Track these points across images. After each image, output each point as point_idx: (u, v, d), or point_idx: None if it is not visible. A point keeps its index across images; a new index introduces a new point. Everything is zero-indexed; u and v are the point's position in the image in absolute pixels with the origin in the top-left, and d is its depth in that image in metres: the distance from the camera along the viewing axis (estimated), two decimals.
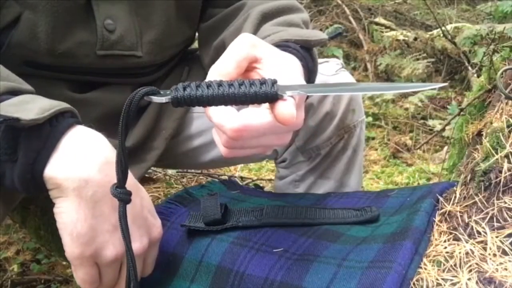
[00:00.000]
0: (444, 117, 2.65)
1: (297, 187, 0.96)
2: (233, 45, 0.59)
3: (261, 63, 0.59)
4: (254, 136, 0.54)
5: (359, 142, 0.94)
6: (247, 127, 0.52)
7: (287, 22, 0.76)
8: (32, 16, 0.70)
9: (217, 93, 0.49)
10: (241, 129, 0.52)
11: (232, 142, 0.56)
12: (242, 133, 0.53)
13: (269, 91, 0.50)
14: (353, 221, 0.66)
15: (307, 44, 0.69)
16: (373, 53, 3.28)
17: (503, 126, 0.62)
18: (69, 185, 0.52)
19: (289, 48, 0.66)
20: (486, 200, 0.60)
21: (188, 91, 0.50)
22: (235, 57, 0.57)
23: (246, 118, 0.52)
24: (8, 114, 0.51)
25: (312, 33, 0.72)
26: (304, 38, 0.69)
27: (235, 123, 0.52)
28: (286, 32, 0.70)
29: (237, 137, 0.53)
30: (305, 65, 0.67)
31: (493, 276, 0.51)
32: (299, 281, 0.56)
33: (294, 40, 0.68)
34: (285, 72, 0.58)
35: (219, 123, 0.53)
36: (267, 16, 0.78)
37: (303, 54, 0.68)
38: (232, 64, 0.57)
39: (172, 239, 0.67)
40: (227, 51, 0.58)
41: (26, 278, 1.46)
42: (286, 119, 0.51)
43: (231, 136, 0.53)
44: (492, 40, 1.55)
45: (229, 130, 0.52)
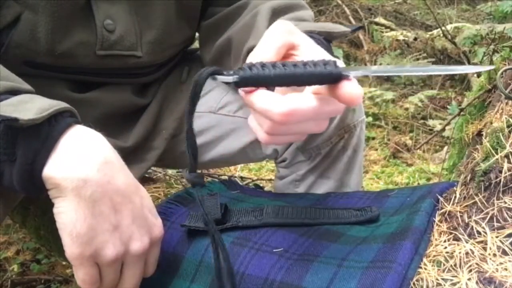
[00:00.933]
0: (444, 117, 2.65)
1: (297, 187, 0.96)
2: (271, 32, 0.58)
3: (298, 50, 0.58)
4: (299, 121, 0.54)
5: (359, 142, 0.94)
6: (296, 111, 0.52)
7: (299, 18, 0.76)
8: (32, 16, 0.70)
9: (283, 72, 0.49)
10: (290, 113, 0.51)
11: (277, 128, 0.55)
12: (289, 118, 0.52)
13: (334, 71, 0.49)
14: (353, 221, 0.66)
15: (329, 36, 0.70)
16: (373, 53, 3.29)
17: (503, 126, 0.62)
18: (67, 185, 0.52)
19: (314, 39, 0.66)
20: (486, 200, 0.60)
21: (254, 71, 0.49)
22: (274, 44, 0.57)
23: (294, 102, 0.52)
24: (7, 114, 0.51)
25: (333, 26, 0.72)
26: (327, 30, 0.69)
27: (284, 107, 0.51)
28: (309, 24, 0.71)
29: (284, 121, 0.52)
30: None
31: (493, 276, 0.51)
32: (299, 281, 0.56)
33: (317, 31, 0.68)
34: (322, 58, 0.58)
35: (266, 108, 0.52)
36: (277, 12, 0.78)
37: (326, 45, 0.68)
38: (272, 50, 0.56)
39: (172, 239, 0.67)
40: (265, 39, 0.58)
41: (26, 278, 1.46)
42: (353, 98, 0.50)
43: (278, 121, 0.52)
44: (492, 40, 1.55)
45: (277, 114, 0.51)
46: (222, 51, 0.87)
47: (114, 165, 0.56)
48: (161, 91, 0.91)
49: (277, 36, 0.57)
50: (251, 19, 0.80)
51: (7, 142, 0.52)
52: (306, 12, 0.80)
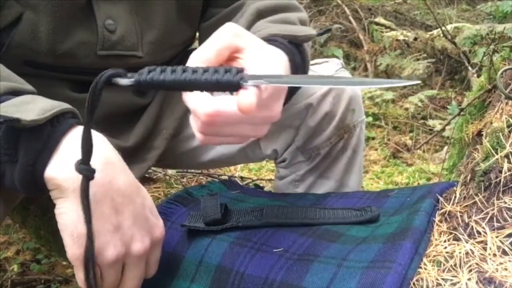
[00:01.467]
0: (444, 117, 2.65)
1: (297, 187, 0.96)
2: (216, 33, 0.59)
3: (243, 53, 0.59)
4: (228, 123, 0.55)
5: (359, 142, 0.94)
6: (220, 112, 0.53)
7: (282, 20, 0.76)
8: (33, 16, 0.70)
9: (178, 78, 0.49)
10: (214, 114, 0.53)
11: (206, 128, 0.56)
12: (214, 118, 0.53)
13: (231, 80, 0.50)
14: (353, 221, 0.66)
15: (295, 39, 0.70)
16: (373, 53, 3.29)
17: (503, 126, 0.62)
18: (69, 185, 0.52)
19: (276, 43, 0.66)
20: (486, 200, 0.60)
21: (151, 75, 0.50)
22: (216, 45, 0.58)
23: (220, 104, 0.53)
24: (9, 114, 0.51)
25: (301, 29, 0.72)
26: (292, 33, 0.69)
27: (208, 108, 0.53)
28: (274, 28, 0.71)
29: (210, 122, 0.54)
30: (292, 59, 0.67)
31: (493, 276, 0.51)
32: (299, 281, 0.56)
33: (282, 35, 0.68)
34: (266, 63, 0.58)
35: (193, 108, 0.54)
36: (263, 13, 0.78)
37: (290, 49, 0.68)
38: (212, 52, 0.57)
39: (172, 239, 0.67)
40: (209, 39, 0.59)
41: (26, 278, 1.46)
42: (244, 107, 0.50)
43: (204, 121, 0.54)
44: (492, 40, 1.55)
45: (202, 114, 0.53)
46: None
47: (115, 165, 0.56)
48: (161, 91, 0.92)
49: (221, 38, 0.58)
50: (236, 20, 0.80)
51: (8, 142, 0.52)
52: (295, 14, 0.80)
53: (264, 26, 0.73)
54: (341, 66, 0.95)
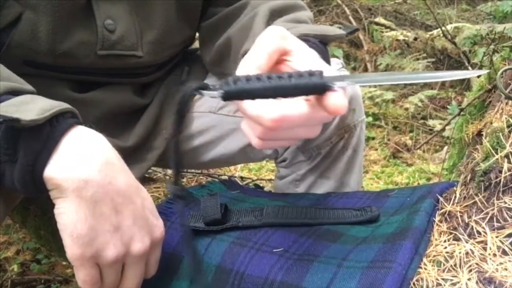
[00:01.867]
0: (444, 117, 2.65)
1: (297, 186, 0.96)
2: (263, 37, 0.58)
3: (291, 55, 0.58)
4: (290, 127, 0.54)
5: (359, 142, 0.94)
6: (286, 117, 0.52)
7: (297, 19, 0.76)
8: (32, 16, 0.70)
9: (268, 85, 0.49)
10: (280, 119, 0.52)
11: (269, 133, 0.55)
12: (280, 124, 0.52)
13: (319, 82, 0.49)
14: (353, 221, 0.66)
15: (325, 39, 0.70)
16: (373, 53, 3.29)
17: (503, 126, 0.62)
18: (68, 185, 0.52)
19: (309, 42, 0.66)
20: (486, 200, 0.60)
21: (239, 85, 0.49)
22: (266, 50, 0.57)
23: (285, 108, 0.52)
24: (8, 114, 0.51)
25: (329, 29, 0.72)
26: (322, 33, 0.69)
27: (274, 114, 0.52)
28: (304, 27, 0.71)
29: (275, 127, 0.52)
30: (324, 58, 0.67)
31: (493, 276, 0.51)
32: (299, 281, 0.56)
33: (313, 34, 0.68)
34: (313, 64, 0.57)
35: (257, 114, 0.53)
36: (276, 14, 0.78)
37: (321, 48, 0.68)
38: (264, 56, 0.56)
39: (172, 239, 0.67)
40: (257, 44, 0.58)
41: (26, 278, 1.46)
42: (338, 109, 0.50)
43: (269, 127, 0.53)
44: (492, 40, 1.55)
45: (268, 120, 0.52)
46: (222, 51, 0.87)
47: (115, 165, 0.56)
48: (161, 91, 0.92)
49: (270, 41, 0.57)
50: (249, 21, 0.80)
51: (8, 142, 0.52)
52: (304, 13, 0.80)
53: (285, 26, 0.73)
54: (341, 66, 0.95)
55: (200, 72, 0.97)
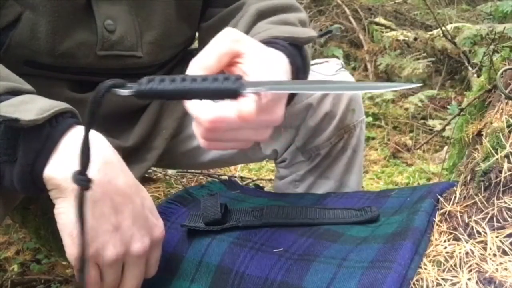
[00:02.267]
0: (444, 117, 2.65)
1: (297, 187, 0.96)
2: (216, 39, 0.59)
3: (243, 58, 0.59)
4: (230, 129, 0.55)
5: (359, 142, 0.94)
6: (222, 118, 0.53)
7: (282, 21, 0.76)
8: (32, 16, 0.70)
9: (178, 87, 0.50)
10: (216, 120, 0.53)
11: (209, 134, 0.56)
12: (216, 125, 0.53)
13: (230, 87, 0.50)
14: (353, 221, 0.66)
15: (296, 41, 0.69)
16: (373, 53, 3.28)
17: (503, 126, 0.62)
18: (68, 185, 0.52)
19: (277, 45, 0.66)
20: (486, 200, 0.60)
21: (150, 85, 0.50)
22: (216, 51, 0.57)
23: (221, 110, 0.53)
24: (8, 114, 0.51)
25: (302, 31, 0.72)
26: (292, 35, 0.69)
27: (210, 115, 0.53)
28: (275, 29, 0.71)
29: (212, 128, 0.54)
30: (293, 62, 0.67)
31: (493, 276, 0.51)
32: (299, 281, 0.56)
33: (283, 37, 0.68)
34: (266, 68, 0.58)
35: (195, 115, 0.54)
36: (263, 15, 0.78)
37: (291, 51, 0.67)
38: (213, 58, 0.57)
39: (172, 239, 0.67)
40: (209, 45, 0.58)
41: (26, 278, 1.46)
42: (244, 115, 0.51)
43: (206, 127, 0.54)
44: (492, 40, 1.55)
45: (204, 121, 0.53)
46: None
47: (115, 165, 0.56)
48: None
49: (221, 43, 0.58)
50: (237, 21, 0.80)
51: (7, 142, 0.52)
52: (294, 14, 0.80)
53: (264, 27, 0.73)
54: (341, 66, 0.95)
55: None
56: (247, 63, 0.58)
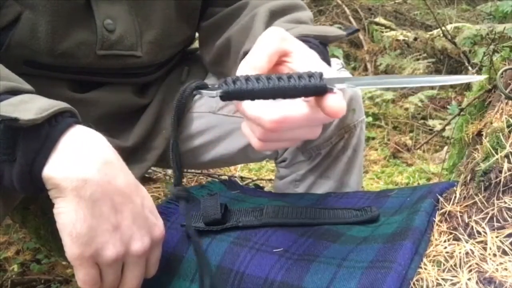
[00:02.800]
0: (444, 117, 2.65)
1: (297, 186, 0.96)
2: (263, 39, 0.58)
3: (290, 57, 0.58)
4: (291, 128, 0.54)
5: (359, 142, 0.94)
6: (287, 118, 0.52)
7: (297, 20, 0.76)
8: (32, 15, 0.70)
9: (267, 86, 0.49)
10: (281, 120, 0.52)
11: (269, 135, 0.55)
12: (281, 125, 0.52)
13: (318, 84, 0.49)
14: (353, 221, 0.66)
15: (325, 39, 0.70)
16: (373, 53, 3.29)
17: (503, 126, 0.62)
18: (67, 185, 0.52)
19: (309, 43, 0.66)
20: (486, 200, 0.60)
21: (238, 85, 0.49)
22: (266, 51, 0.57)
23: (285, 109, 0.52)
24: (7, 114, 0.51)
25: (329, 29, 0.72)
26: (322, 33, 0.69)
27: (274, 115, 0.51)
28: (304, 27, 0.71)
29: (276, 128, 0.52)
30: (324, 59, 0.67)
31: (493, 276, 0.51)
32: (299, 281, 0.56)
33: (313, 35, 0.68)
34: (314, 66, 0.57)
35: (257, 116, 0.53)
36: (276, 14, 0.78)
37: (322, 49, 0.68)
38: (264, 57, 0.56)
39: (172, 239, 0.67)
40: (257, 45, 0.58)
41: (26, 278, 1.46)
42: (336, 111, 0.50)
43: (269, 128, 0.52)
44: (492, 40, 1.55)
45: (268, 122, 0.52)
46: (222, 52, 0.87)
47: (114, 165, 0.56)
48: (161, 91, 0.92)
49: (270, 43, 0.57)
50: (249, 21, 0.80)
51: (7, 142, 0.52)
52: (304, 13, 0.80)
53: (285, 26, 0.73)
54: (341, 66, 0.95)
55: (200, 72, 0.97)
56: (295, 62, 0.58)
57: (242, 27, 0.81)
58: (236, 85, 0.50)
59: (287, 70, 0.58)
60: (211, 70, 0.96)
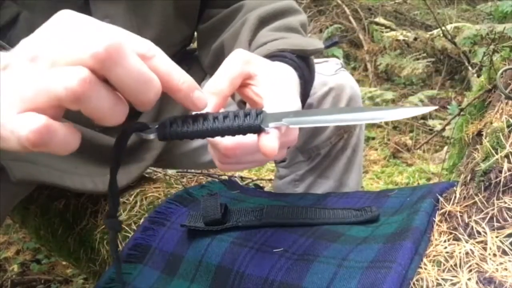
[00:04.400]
0: (444, 117, 2.66)
1: (297, 186, 0.96)
2: (227, 62, 0.58)
3: (255, 80, 0.59)
4: (247, 153, 0.55)
5: (358, 142, 0.94)
6: (240, 145, 0.53)
7: (285, 26, 0.76)
8: (30, 16, 0.70)
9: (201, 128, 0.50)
10: (234, 147, 0.53)
11: (227, 159, 0.56)
12: (235, 151, 0.53)
13: (252, 124, 0.50)
14: (353, 221, 0.66)
15: (303, 53, 0.69)
16: (373, 53, 3.29)
17: (503, 126, 0.62)
18: None
19: (285, 59, 0.66)
20: (486, 200, 0.60)
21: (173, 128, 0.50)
22: (228, 75, 0.57)
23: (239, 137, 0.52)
24: None
25: (309, 42, 0.72)
26: (300, 47, 0.69)
27: (228, 142, 0.53)
28: (282, 41, 0.70)
29: (230, 155, 0.54)
30: (301, 75, 0.66)
31: (493, 276, 0.51)
32: (299, 281, 0.56)
33: (290, 50, 0.68)
34: (279, 89, 0.58)
35: (213, 141, 0.54)
36: (264, 21, 0.78)
37: (299, 64, 0.67)
38: (226, 82, 0.57)
39: (172, 239, 0.67)
40: (221, 69, 0.58)
41: (26, 278, 1.47)
42: (267, 152, 0.50)
43: (224, 154, 0.54)
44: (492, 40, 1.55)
45: (222, 147, 0.53)
46: (218, 55, 0.87)
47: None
48: None
49: (232, 66, 0.57)
50: (239, 27, 0.80)
51: None
52: (295, 18, 0.80)
53: (269, 36, 0.72)
54: (341, 66, 0.95)
55: (199, 72, 0.97)
56: (260, 85, 0.58)
57: (233, 32, 0.82)
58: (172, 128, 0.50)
59: (251, 93, 0.59)
60: (209, 73, 0.96)
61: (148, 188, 0.89)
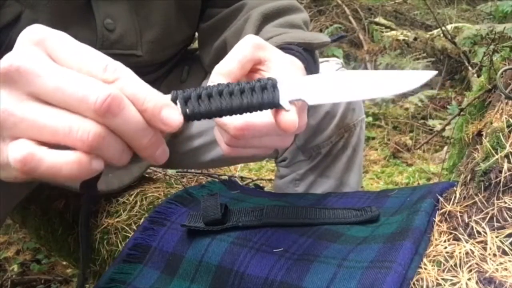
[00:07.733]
0: (444, 117, 2.66)
1: (297, 186, 0.96)
2: (238, 46, 0.58)
3: (265, 65, 0.58)
4: (256, 136, 0.54)
5: (359, 141, 0.94)
6: (250, 125, 0.52)
7: (289, 23, 0.76)
8: (32, 15, 0.70)
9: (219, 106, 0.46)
10: (244, 127, 0.52)
11: (235, 141, 0.55)
12: (244, 132, 0.52)
13: (272, 101, 0.48)
14: (353, 221, 0.66)
15: (309, 46, 0.69)
16: (373, 53, 3.29)
17: (503, 126, 0.62)
18: None
19: (292, 51, 0.66)
20: (486, 200, 0.60)
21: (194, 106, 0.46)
22: (239, 58, 0.56)
23: (249, 117, 0.52)
24: None
25: (314, 36, 0.72)
26: (307, 41, 0.69)
27: (238, 122, 0.52)
28: (288, 35, 0.70)
29: (239, 135, 0.53)
30: (307, 67, 0.66)
31: (493, 276, 0.51)
32: (299, 281, 0.56)
33: (297, 43, 0.68)
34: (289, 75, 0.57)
35: (222, 122, 0.53)
36: (268, 17, 0.78)
37: (305, 56, 0.67)
38: (236, 65, 0.56)
39: (172, 239, 0.67)
40: (232, 52, 0.57)
41: (26, 278, 1.47)
42: (288, 127, 0.49)
43: (233, 135, 0.53)
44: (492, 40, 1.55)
45: (232, 128, 0.52)
46: (219, 54, 0.87)
47: None
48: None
49: (244, 50, 0.57)
50: (242, 24, 0.80)
51: None
52: (298, 15, 0.80)
53: (274, 31, 0.72)
54: (341, 66, 0.95)
55: (200, 71, 0.97)
56: (269, 71, 0.57)
57: (236, 30, 0.82)
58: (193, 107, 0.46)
59: None
60: (210, 72, 0.96)
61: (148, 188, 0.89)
